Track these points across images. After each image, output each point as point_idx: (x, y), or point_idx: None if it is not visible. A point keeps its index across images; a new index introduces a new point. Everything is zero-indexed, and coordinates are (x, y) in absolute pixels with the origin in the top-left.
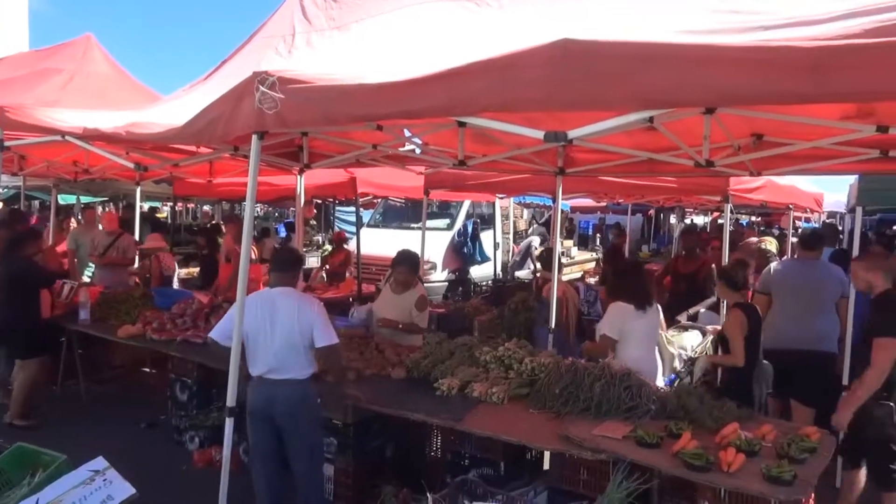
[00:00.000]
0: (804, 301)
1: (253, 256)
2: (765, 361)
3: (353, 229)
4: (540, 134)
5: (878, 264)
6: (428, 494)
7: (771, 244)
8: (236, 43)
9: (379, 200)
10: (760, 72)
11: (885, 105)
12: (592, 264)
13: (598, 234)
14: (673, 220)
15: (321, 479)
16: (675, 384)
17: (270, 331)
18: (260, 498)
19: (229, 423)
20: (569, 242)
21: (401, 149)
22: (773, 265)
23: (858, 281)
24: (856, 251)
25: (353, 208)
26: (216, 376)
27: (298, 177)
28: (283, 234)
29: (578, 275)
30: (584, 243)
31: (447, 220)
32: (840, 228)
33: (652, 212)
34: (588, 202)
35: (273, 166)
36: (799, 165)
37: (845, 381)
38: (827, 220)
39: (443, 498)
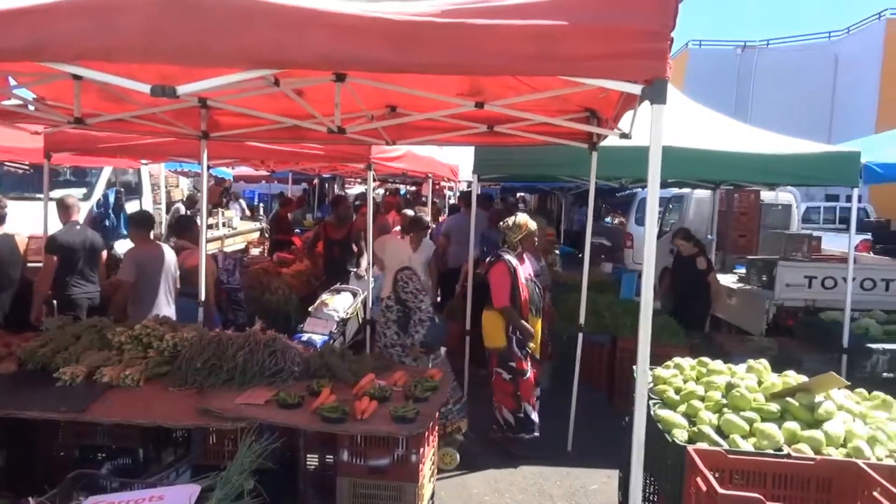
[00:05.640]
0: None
1: None
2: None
3: None
4: (146, 88)
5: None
6: (30, 499)
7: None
8: None
9: None
10: (352, 38)
11: (490, 86)
12: (256, 234)
13: (261, 205)
14: (337, 189)
15: None
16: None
17: None
18: None
19: None
20: (231, 212)
21: (5, 102)
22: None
23: None
24: (473, 214)
25: None
26: None
27: None
28: None
29: (242, 245)
30: (250, 213)
31: (84, 190)
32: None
33: (316, 181)
34: (250, 171)
35: None
36: (426, 136)
37: None
38: (467, 189)
39: (50, 499)
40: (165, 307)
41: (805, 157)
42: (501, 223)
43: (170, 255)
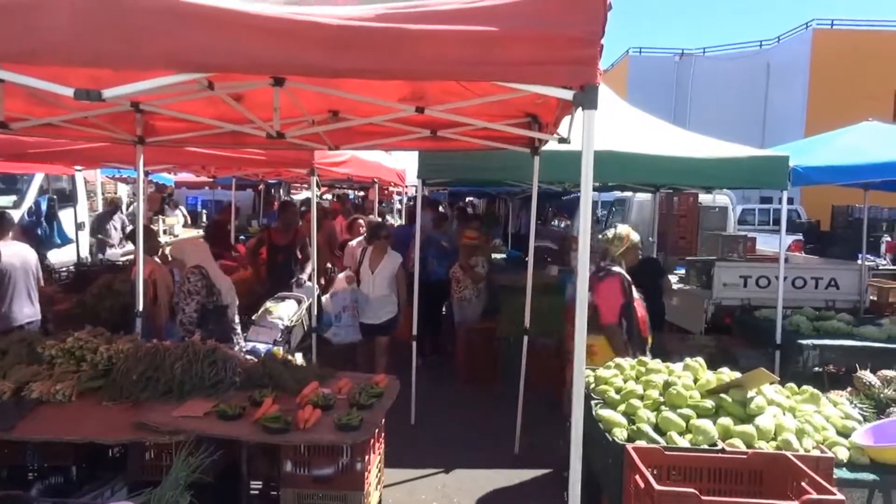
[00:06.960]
0: None
1: None
2: None
3: None
4: (70, 91)
5: None
6: None
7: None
8: None
9: None
10: (284, 42)
11: (431, 91)
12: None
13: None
14: (283, 195)
15: None
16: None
17: None
18: None
19: None
20: (173, 219)
21: None
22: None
23: None
24: (418, 217)
25: None
26: None
27: None
28: None
29: None
30: (193, 221)
31: (14, 197)
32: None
33: (262, 187)
34: (192, 177)
35: None
36: (369, 141)
37: None
38: (415, 194)
39: None
40: (28, 306)
41: (737, 161)
42: (600, 236)
43: (30, 254)
